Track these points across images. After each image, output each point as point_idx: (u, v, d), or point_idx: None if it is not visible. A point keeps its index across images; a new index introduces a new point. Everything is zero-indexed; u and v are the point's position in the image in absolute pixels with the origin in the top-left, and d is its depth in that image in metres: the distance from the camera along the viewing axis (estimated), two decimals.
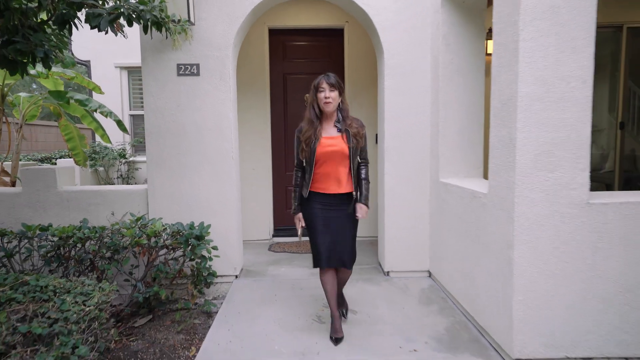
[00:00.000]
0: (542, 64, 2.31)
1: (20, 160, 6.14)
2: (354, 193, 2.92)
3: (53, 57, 2.86)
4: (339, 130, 2.86)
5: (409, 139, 4.06)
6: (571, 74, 2.31)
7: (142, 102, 7.82)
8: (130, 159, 7.59)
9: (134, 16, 2.86)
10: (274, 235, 5.74)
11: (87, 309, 2.46)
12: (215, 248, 3.75)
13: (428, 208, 4.09)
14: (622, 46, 5.46)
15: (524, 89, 2.33)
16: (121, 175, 7.44)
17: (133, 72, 7.84)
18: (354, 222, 2.96)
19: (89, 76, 7.68)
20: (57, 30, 2.97)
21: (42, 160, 7.73)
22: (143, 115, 7.65)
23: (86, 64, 7.79)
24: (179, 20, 3.49)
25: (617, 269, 2.44)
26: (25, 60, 2.92)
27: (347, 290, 3.83)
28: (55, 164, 7.19)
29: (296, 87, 5.62)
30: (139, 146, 7.74)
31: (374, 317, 3.29)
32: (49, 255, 3.56)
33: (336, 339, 2.90)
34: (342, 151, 2.82)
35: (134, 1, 3.00)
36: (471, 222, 3.05)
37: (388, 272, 4.23)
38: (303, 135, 2.86)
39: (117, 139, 7.59)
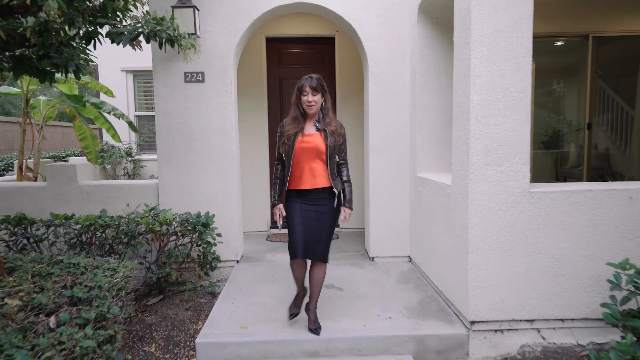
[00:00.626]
0: (489, 77, 2.83)
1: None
2: (334, 190, 3.00)
3: (83, 69, 3.36)
4: (318, 129, 2.99)
5: (391, 138, 4.57)
6: (513, 86, 2.83)
7: (146, 104, 8.32)
8: (136, 157, 8.07)
9: (151, 35, 3.35)
10: (271, 227, 6.25)
11: (115, 280, 2.96)
12: (219, 235, 4.25)
13: (408, 200, 4.61)
14: (589, 53, 5.98)
15: (475, 97, 2.85)
16: (127, 173, 7.93)
17: (138, 76, 8.32)
18: (331, 218, 3.04)
19: (97, 79, 8.16)
20: (82, 45, 3.46)
21: (52, 158, 8.21)
22: (147, 116, 8.17)
23: (94, 68, 8.27)
24: (190, 35, 3.99)
25: (553, 246, 2.96)
26: (53, 71, 3.41)
27: (334, 272, 4.34)
28: (67, 161, 7.68)
29: (291, 90, 6.02)
30: (144, 145, 8.23)
31: (357, 293, 3.80)
32: (72, 241, 4.06)
33: (293, 314, 3.26)
34: (318, 147, 2.93)
35: (149, 19, 3.50)
36: (440, 209, 3.57)
37: (373, 257, 4.75)
38: (287, 132, 2.99)
39: (123, 138, 8.07)
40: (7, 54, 2.82)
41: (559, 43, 6.22)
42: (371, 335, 3.01)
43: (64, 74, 3.30)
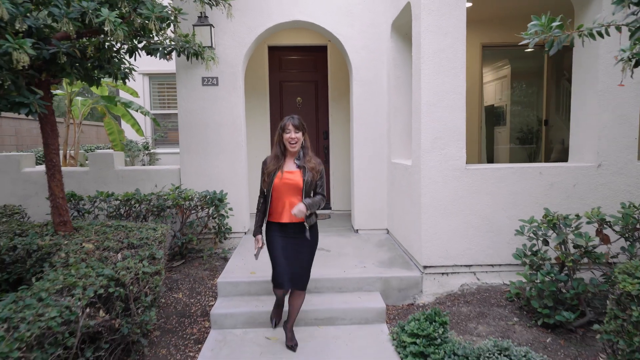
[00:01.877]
0: (435, 83, 3.83)
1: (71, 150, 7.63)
2: (305, 224, 3.16)
3: (129, 76, 4.34)
4: (298, 167, 3.17)
5: (372, 132, 5.57)
6: (453, 90, 3.82)
7: (160, 104, 9.30)
8: (152, 151, 9.07)
9: (181, 50, 4.35)
10: None
11: (156, 234, 3.95)
12: (231, 209, 5.25)
13: (386, 181, 5.60)
14: (545, 60, 6.98)
15: (424, 99, 3.85)
16: (144, 165, 8.92)
17: (153, 78, 9.30)
18: (310, 249, 3.26)
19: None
20: (124, 57, 4.44)
21: (85, 151, 9.20)
22: (162, 114, 9.15)
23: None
24: (207, 48, 4.98)
25: (484, 209, 3.96)
26: (100, 77, 4.38)
27: (325, 241, 5.34)
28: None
29: (290, 91, 7.13)
30: (159, 140, 9.22)
31: (341, 253, 4.80)
32: (112, 213, 5.05)
33: (275, 322, 3.65)
34: (296, 184, 3.12)
35: (179, 38, 4.49)
36: (405, 185, 4.57)
37: (357, 230, 5.75)
38: (267, 169, 3.19)
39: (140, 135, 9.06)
40: (77, 65, 3.78)
41: (528, 50, 7.20)
42: (349, 277, 4.01)
43: (114, 80, 4.28)
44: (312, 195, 3.20)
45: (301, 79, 7.04)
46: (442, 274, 4.05)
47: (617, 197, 3.88)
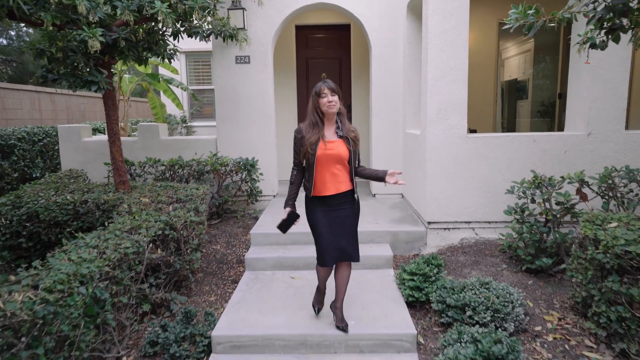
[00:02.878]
0: (439, 60, 4.32)
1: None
2: (355, 195, 3.13)
3: (174, 56, 5.00)
4: (340, 136, 3.03)
5: (388, 105, 6.09)
6: (456, 66, 4.31)
7: (196, 80, 10.01)
8: (189, 124, 9.83)
9: (218, 33, 4.97)
10: None
11: (199, 192, 4.67)
12: (261, 174, 5.94)
13: (401, 150, 6.15)
14: (561, 35, 7.24)
15: (431, 74, 4.35)
16: (181, 136, 9.69)
17: (190, 56, 9.97)
18: (355, 220, 3.18)
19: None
20: (167, 38, 5.07)
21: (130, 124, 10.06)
22: (198, 89, 9.86)
23: None
24: (240, 30, 5.58)
25: (482, 173, 4.48)
26: (148, 57, 5.04)
27: None
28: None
29: (315, 68, 7.68)
30: (195, 114, 9.97)
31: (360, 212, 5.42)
32: (159, 177, 5.82)
33: (318, 309, 3.45)
34: (341, 154, 2.99)
35: (217, 22, 5.10)
36: (415, 152, 5.11)
37: (374, 194, 6.35)
38: (308, 139, 2.98)
39: (178, 109, 9.82)
40: (132, 48, 4.46)
41: (551, 24, 7.45)
42: (362, 230, 4.59)
43: (161, 59, 4.96)
44: (357, 165, 3.14)
45: (326, 56, 7.57)
46: (444, 229, 4.63)
47: (604, 162, 4.33)
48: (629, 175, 3.82)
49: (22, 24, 3.39)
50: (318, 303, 3.45)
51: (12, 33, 17.46)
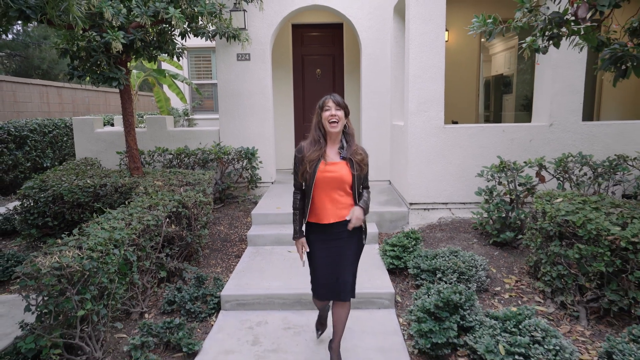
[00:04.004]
0: (419, 59, 4.88)
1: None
2: (362, 224, 2.74)
3: (179, 55, 5.53)
4: (343, 157, 2.69)
5: (377, 99, 6.65)
6: (434, 65, 4.87)
7: (198, 75, 10.52)
8: (191, 116, 10.36)
9: (222, 34, 5.50)
10: None
11: (205, 177, 5.22)
12: (260, 162, 6.50)
13: (389, 141, 6.72)
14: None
15: (411, 72, 4.91)
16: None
17: (191, 52, 10.47)
18: (357, 252, 2.80)
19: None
20: (175, 38, 5.61)
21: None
22: (199, 84, 10.38)
23: None
24: (241, 30, 6.12)
25: (458, 159, 5.06)
26: (157, 55, 5.57)
27: None
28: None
29: (310, 64, 8.22)
30: (197, 107, 10.50)
31: None
32: (167, 165, 6.36)
33: (320, 332, 3.27)
34: (343, 178, 2.65)
35: (221, 24, 5.63)
36: (399, 142, 5.68)
37: None
38: (307, 157, 2.66)
39: (180, 102, 10.34)
40: (145, 47, 4.99)
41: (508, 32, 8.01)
42: None
43: (171, 57, 5.49)
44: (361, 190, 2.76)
45: (320, 53, 8.11)
46: (424, 209, 5.21)
47: (564, 149, 4.91)
48: (581, 160, 4.40)
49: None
50: (320, 326, 3.24)
51: (19, 28, 17.89)
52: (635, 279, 3.02)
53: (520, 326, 2.88)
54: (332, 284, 2.73)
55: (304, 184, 2.76)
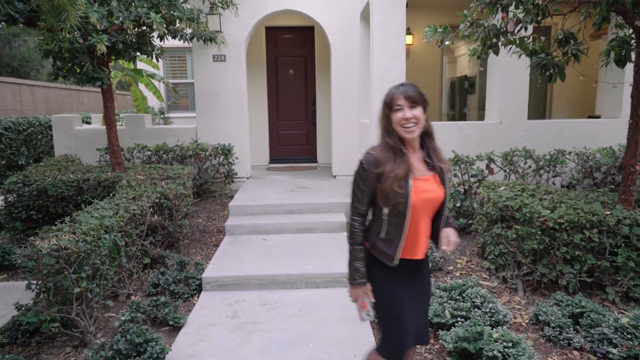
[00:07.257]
0: (382, 63, 5.34)
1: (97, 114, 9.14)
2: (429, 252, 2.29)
3: (158, 56, 5.83)
4: (431, 168, 2.06)
5: (346, 98, 7.09)
6: (395, 68, 5.34)
7: (173, 74, 10.75)
8: (166, 115, 10.58)
9: (199, 37, 5.83)
10: (269, 162, 8.86)
11: (184, 172, 5.55)
12: (237, 158, 6.85)
13: (357, 137, 7.17)
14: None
15: (375, 73, 5.37)
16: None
17: (167, 52, 10.60)
18: (430, 285, 2.27)
19: None
20: (153, 40, 5.90)
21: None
22: (175, 83, 10.61)
23: None
24: (217, 32, 6.46)
25: None
26: (136, 55, 5.86)
27: (309, 183, 6.95)
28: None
29: (283, 65, 8.60)
30: (173, 106, 10.73)
31: (319, 189, 6.42)
32: (146, 161, 6.64)
33: None
34: (438, 198, 2.04)
35: (198, 27, 5.96)
36: (366, 138, 6.13)
37: (335, 175, 7.36)
38: (392, 173, 1.95)
39: (156, 102, 10.55)
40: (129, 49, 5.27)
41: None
42: (323, 202, 5.64)
43: (150, 58, 5.78)
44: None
45: (293, 54, 8.50)
46: None
47: (512, 145, 5.46)
48: (525, 154, 4.95)
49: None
50: None
51: None
52: (561, 254, 3.55)
53: (463, 294, 3.36)
54: (417, 329, 2.13)
55: (385, 209, 2.01)
